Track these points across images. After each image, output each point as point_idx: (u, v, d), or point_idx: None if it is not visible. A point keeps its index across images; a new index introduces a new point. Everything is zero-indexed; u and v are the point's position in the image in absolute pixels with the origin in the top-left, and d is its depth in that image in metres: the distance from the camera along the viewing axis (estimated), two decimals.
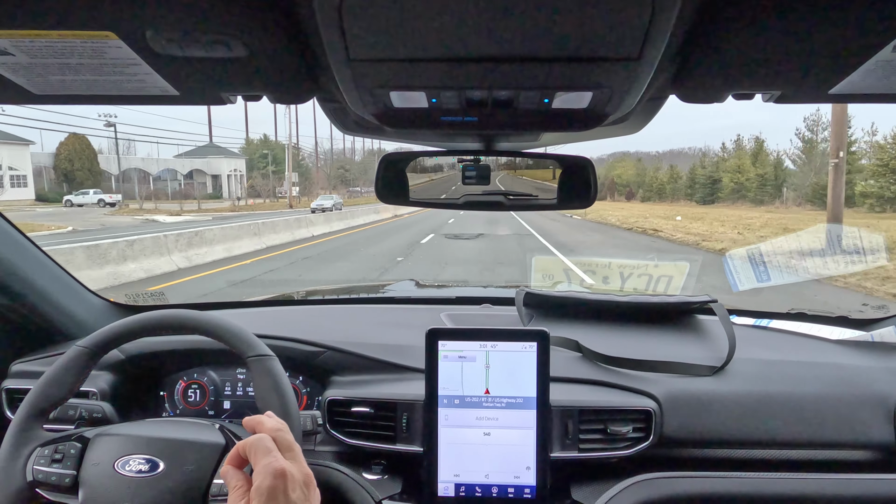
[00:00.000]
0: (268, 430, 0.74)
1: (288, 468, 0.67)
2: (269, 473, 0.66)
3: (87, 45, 0.54)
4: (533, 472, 1.11)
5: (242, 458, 0.72)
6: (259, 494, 0.65)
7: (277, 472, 0.66)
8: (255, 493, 0.65)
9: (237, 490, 0.69)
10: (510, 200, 1.06)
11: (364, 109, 0.70)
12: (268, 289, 8.40)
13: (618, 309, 1.51)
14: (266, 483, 0.65)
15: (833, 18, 0.49)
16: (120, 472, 0.85)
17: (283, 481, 0.66)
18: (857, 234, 3.29)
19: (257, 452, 0.69)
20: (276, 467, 0.66)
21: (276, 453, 0.69)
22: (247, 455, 0.71)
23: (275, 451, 0.69)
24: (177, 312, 1.00)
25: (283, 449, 0.71)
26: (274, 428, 0.74)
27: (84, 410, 1.16)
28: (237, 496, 0.68)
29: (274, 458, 0.68)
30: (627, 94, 0.63)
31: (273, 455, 0.68)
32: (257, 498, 0.65)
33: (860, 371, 1.26)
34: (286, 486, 0.66)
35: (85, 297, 1.53)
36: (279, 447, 0.71)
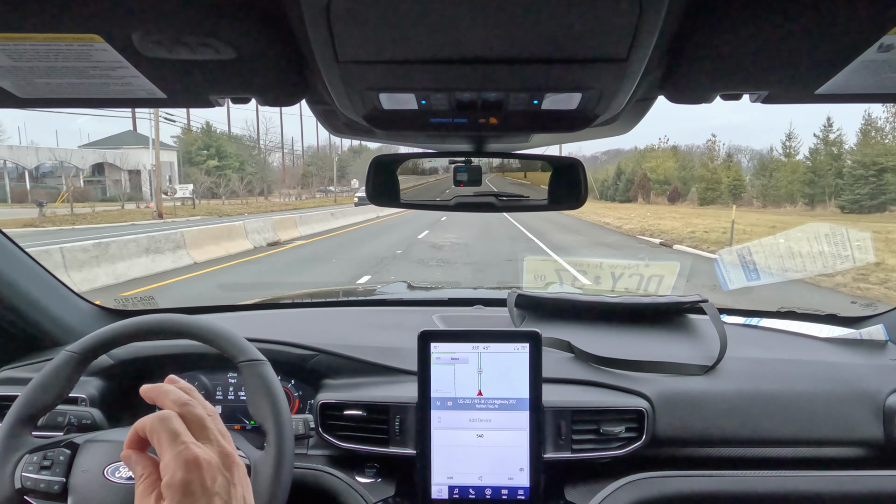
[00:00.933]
0: (171, 404, 0.61)
1: (202, 455, 0.56)
2: (180, 465, 0.55)
3: (72, 48, 0.53)
4: (526, 474, 1.11)
5: (144, 439, 0.60)
6: (172, 490, 0.54)
7: (190, 463, 0.55)
8: (168, 489, 0.54)
9: (145, 480, 0.58)
10: (501, 201, 1.06)
11: (353, 111, 0.70)
12: (258, 292, 8.36)
13: (609, 309, 1.51)
14: (178, 477, 0.54)
15: (819, 19, 0.50)
16: (109, 479, 0.84)
17: (198, 473, 0.55)
18: (844, 234, 3.33)
19: (161, 438, 0.57)
20: (186, 457, 0.55)
21: (185, 436, 0.58)
22: (148, 438, 0.59)
23: (183, 434, 0.58)
24: (167, 317, 1.00)
25: (193, 427, 0.60)
26: (179, 401, 0.62)
27: (73, 417, 1.14)
28: (146, 487, 0.57)
29: (183, 446, 0.56)
30: (616, 96, 0.63)
31: (181, 440, 0.57)
32: (170, 494, 0.54)
33: (849, 368, 1.27)
34: (202, 477, 0.55)
35: (73, 302, 1.52)
36: (189, 425, 0.60)
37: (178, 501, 0.53)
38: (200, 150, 54.46)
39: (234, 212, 29.02)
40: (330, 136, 32.17)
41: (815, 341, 1.40)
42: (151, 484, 0.57)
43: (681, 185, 57.67)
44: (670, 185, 57.70)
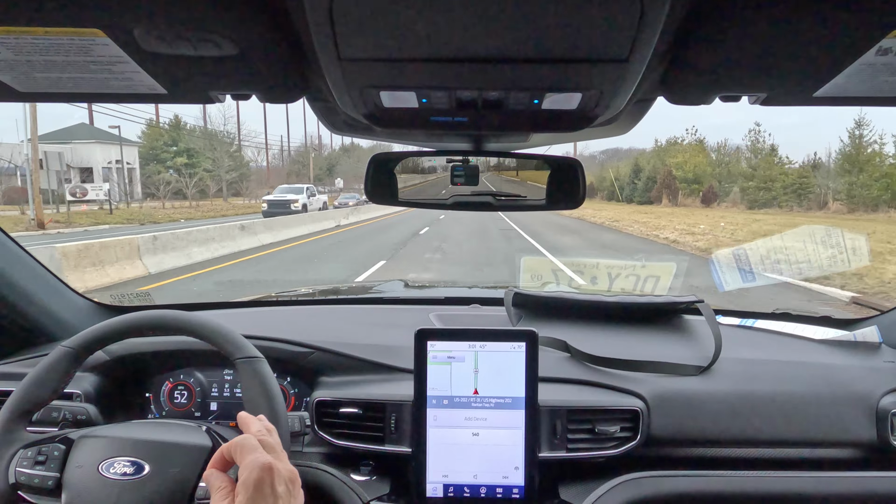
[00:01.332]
0: (254, 432, 0.75)
1: (275, 463, 0.68)
2: (256, 467, 0.67)
3: (73, 43, 0.53)
4: (521, 472, 1.11)
5: (227, 460, 0.73)
6: (246, 488, 0.65)
7: (265, 466, 0.67)
8: (242, 487, 0.66)
9: (220, 491, 0.69)
10: (499, 201, 1.06)
11: (354, 109, 0.70)
12: (255, 289, 8.32)
13: (606, 309, 1.52)
14: (253, 476, 0.66)
15: (818, 22, 0.50)
16: (104, 475, 0.84)
17: (269, 474, 0.67)
18: (840, 236, 3.34)
19: (243, 450, 0.70)
20: (262, 461, 0.68)
21: (262, 450, 0.71)
22: (231, 456, 0.72)
23: (260, 449, 0.71)
24: (163, 313, 0.99)
25: (267, 450, 0.72)
26: (259, 431, 0.76)
27: (68, 412, 1.14)
28: (221, 496, 0.69)
29: (260, 454, 0.69)
30: (616, 96, 0.63)
31: (259, 451, 0.70)
32: (244, 492, 0.65)
33: (843, 370, 1.28)
34: (273, 479, 0.67)
35: (69, 298, 1.51)
36: (264, 448, 0.72)
37: (250, 496, 0.65)
38: (168, 147, 49.59)
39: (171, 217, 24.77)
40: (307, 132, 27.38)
41: (809, 343, 1.41)
42: (225, 495, 0.68)
43: (716, 183, 46.22)
44: (702, 184, 46.44)
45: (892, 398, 1.22)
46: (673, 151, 52.79)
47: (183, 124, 52.60)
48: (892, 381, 1.25)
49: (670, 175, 47.13)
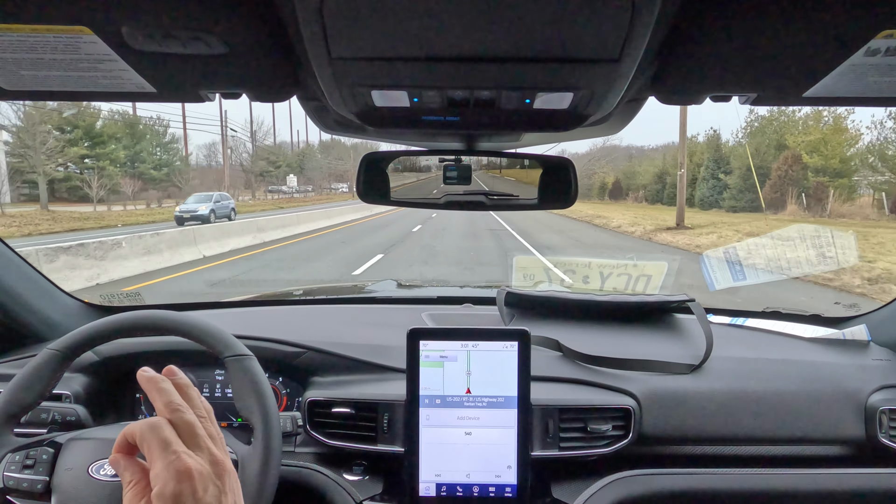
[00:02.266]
0: (163, 407, 0.60)
1: (193, 465, 0.55)
2: (171, 476, 0.54)
3: (60, 40, 0.53)
4: (514, 471, 1.11)
5: (133, 444, 0.59)
6: (163, 501, 0.53)
7: (181, 474, 0.54)
8: (158, 500, 0.53)
9: (134, 486, 0.57)
10: (491, 200, 1.06)
11: (345, 108, 0.70)
12: (246, 288, 8.25)
13: (598, 308, 1.52)
14: (169, 488, 0.53)
15: (807, 23, 0.50)
16: (94, 477, 0.84)
17: (189, 483, 0.54)
18: (830, 235, 3.37)
19: (151, 446, 0.56)
20: (178, 468, 0.54)
21: (176, 444, 0.57)
22: (137, 445, 0.58)
23: (174, 443, 0.56)
24: (152, 313, 0.99)
25: (184, 434, 0.59)
26: (171, 406, 0.60)
27: (57, 414, 1.13)
28: (135, 494, 0.56)
29: (174, 456, 0.55)
30: (607, 95, 0.63)
31: (172, 449, 0.56)
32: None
33: (832, 368, 1.29)
34: (194, 487, 0.54)
35: (58, 298, 1.50)
36: (180, 432, 0.58)
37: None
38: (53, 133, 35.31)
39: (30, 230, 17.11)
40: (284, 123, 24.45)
41: (799, 341, 1.42)
42: (140, 491, 0.56)
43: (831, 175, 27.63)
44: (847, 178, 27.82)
45: (881, 395, 1.24)
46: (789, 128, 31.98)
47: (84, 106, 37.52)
48: (881, 379, 1.26)
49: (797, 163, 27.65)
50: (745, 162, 27.95)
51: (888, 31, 0.50)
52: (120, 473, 0.59)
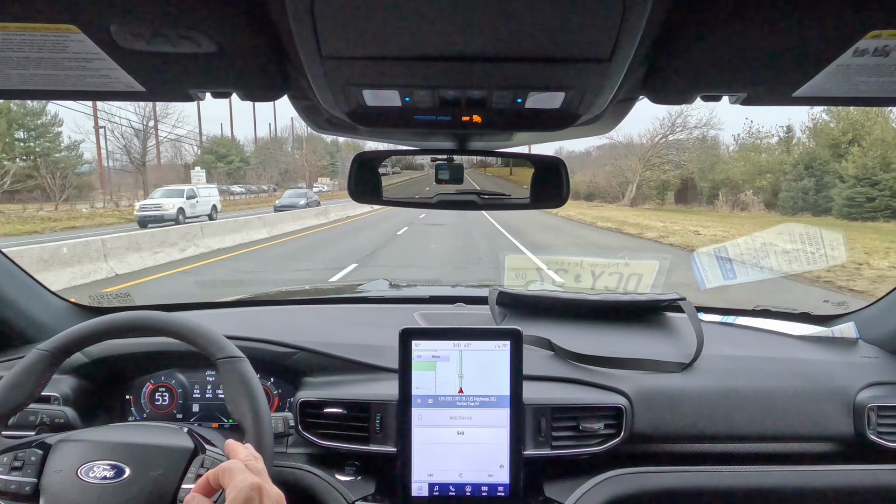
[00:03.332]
0: (241, 458, 0.76)
1: (265, 485, 0.69)
2: (244, 487, 0.67)
3: (48, 39, 0.52)
4: (506, 471, 1.11)
5: (211, 486, 0.72)
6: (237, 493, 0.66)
7: (254, 486, 0.68)
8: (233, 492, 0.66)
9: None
10: (483, 200, 1.06)
11: (336, 108, 0.69)
12: (237, 288, 8.17)
13: (589, 307, 1.53)
14: (241, 496, 0.66)
15: (796, 24, 0.51)
16: (83, 479, 0.83)
17: (258, 494, 0.67)
18: (819, 234, 3.41)
19: (231, 473, 0.70)
20: (251, 482, 0.68)
21: (250, 473, 0.71)
22: (218, 481, 0.71)
23: (248, 472, 0.71)
24: (142, 314, 0.98)
25: (255, 473, 0.73)
26: (247, 457, 0.77)
27: (45, 416, 1.12)
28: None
29: (249, 475, 0.70)
30: (599, 95, 0.63)
31: (247, 473, 0.70)
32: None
33: (821, 365, 1.30)
34: (262, 498, 0.67)
35: (46, 299, 1.48)
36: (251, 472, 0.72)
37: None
38: None
39: None
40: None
41: (788, 339, 1.43)
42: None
43: None
44: None
45: (869, 393, 1.25)
46: None
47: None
48: (869, 376, 1.28)
49: None
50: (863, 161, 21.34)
51: (875, 32, 0.50)
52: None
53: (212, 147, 58.90)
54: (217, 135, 64.15)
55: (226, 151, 58.38)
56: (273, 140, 68.93)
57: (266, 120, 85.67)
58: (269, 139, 69.16)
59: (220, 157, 56.67)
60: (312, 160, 67.48)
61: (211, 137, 62.61)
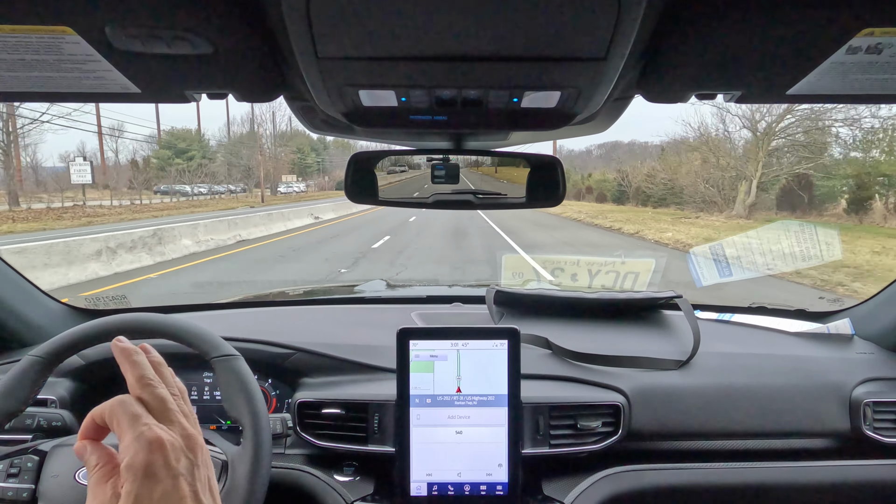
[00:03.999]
0: (134, 382, 0.58)
1: (165, 436, 0.53)
2: (142, 446, 0.51)
3: (42, 41, 0.52)
4: (505, 469, 1.11)
5: (100, 427, 0.57)
6: (132, 472, 0.50)
7: (153, 443, 0.52)
8: (128, 471, 0.50)
9: (100, 469, 0.55)
10: (479, 199, 1.07)
11: (333, 108, 0.69)
12: (233, 290, 8.13)
13: (586, 306, 1.53)
14: (140, 458, 0.50)
15: (790, 22, 0.51)
16: (81, 483, 0.83)
17: (161, 453, 0.52)
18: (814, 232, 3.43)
19: (121, 421, 0.54)
20: (149, 438, 0.52)
21: (147, 418, 0.54)
22: (106, 424, 0.56)
23: (144, 416, 0.54)
24: (136, 316, 0.97)
25: (155, 410, 0.56)
26: (143, 380, 0.58)
27: (42, 419, 1.12)
28: (101, 476, 0.54)
29: (145, 427, 0.53)
30: (594, 94, 0.64)
31: (143, 422, 0.53)
32: (131, 478, 0.50)
33: (817, 362, 1.31)
34: (166, 457, 0.52)
35: (41, 302, 1.48)
36: (149, 408, 0.56)
37: (139, 483, 0.50)
38: None
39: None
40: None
41: (784, 336, 1.44)
42: (108, 472, 0.54)
43: None
44: None
45: (865, 388, 1.26)
46: None
47: None
48: (865, 372, 1.28)
49: None
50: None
51: (868, 30, 0.51)
52: (86, 460, 0.56)
53: (170, 141, 52.88)
54: (183, 128, 57.93)
55: (186, 146, 52.79)
56: (250, 135, 61.10)
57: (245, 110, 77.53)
58: (244, 133, 61.87)
59: (179, 153, 51.28)
60: (283, 155, 58.95)
61: (169, 130, 55.97)
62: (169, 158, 50.04)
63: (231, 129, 65.13)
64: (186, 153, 52.76)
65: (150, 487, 0.50)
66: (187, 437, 0.55)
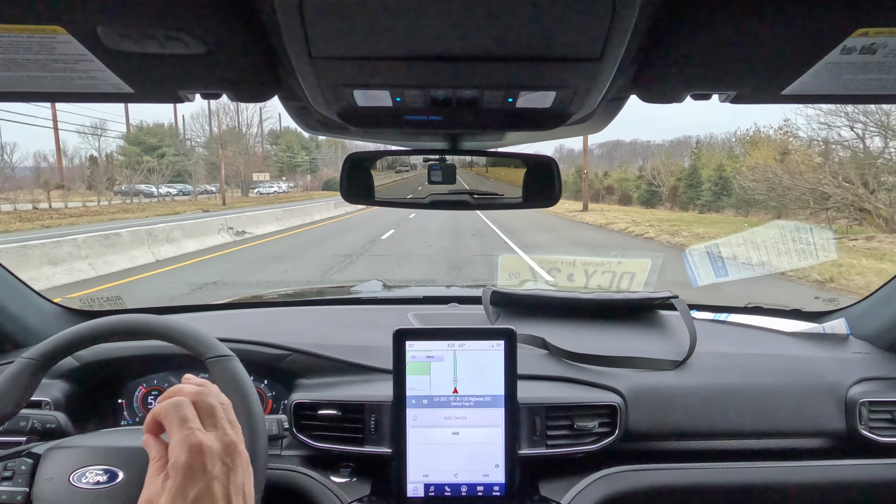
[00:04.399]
0: (187, 393, 0.67)
1: (205, 441, 0.61)
2: (184, 449, 0.60)
3: (33, 40, 0.51)
4: (502, 470, 1.11)
5: (159, 422, 0.66)
6: (176, 471, 0.59)
7: (193, 447, 0.60)
8: (172, 470, 0.60)
9: (156, 462, 0.63)
10: (476, 199, 1.06)
11: (327, 108, 0.69)
12: (230, 290, 8.12)
13: (583, 306, 1.53)
14: (182, 459, 0.59)
15: (785, 22, 0.51)
16: (76, 486, 0.82)
17: (199, 457, 0.60)
18: (809, 231, 3.45)
19: (171, 422, 0.63)
20: (191, 442, 0.61)
21: (193, 422, 0.63)
22: (161, 422, 0.65)
23: (191, 421, 0.63)
24: (130, 317, 0.97)
25: (203, 415, 0.65)
26: (193, 391, 0.68)
27: (36, 421, 1.11)
28: (156, 469, 0.63)
29: (189, 431, 0.62)
30: (589, 94, 0.64)
31: (188, 426, 0.62)
32: (174, 475, 0.59)
33: (813, 362, 1.31)
34: (204, 461, 0.60)
35: (35, 303, 1.47)
36: (199, 413, 0.65)
37: (179, 482, 0.58)
38: None
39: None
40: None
41: (780, 336, 1.44)
42: (161, 466, 0.62)
43: None
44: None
45: (860, 388, 1.26)
46: None
47: None
48: (860, 372, 1.29)
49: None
50: None
51: (863, 30, 0.51)
52: (148, 451, 0.65)
53: (137, 136, 49.35)
54: (155, 122, 54.18)
55: (157, 142, 49.44)
56: (233, 131, 57.75)
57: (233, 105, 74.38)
58: (228, 129, 58.06)
59: (149, 149, 48.01)
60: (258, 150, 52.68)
61: (137, 125, 52.39)
62: (138, 155, 47.17)
63: (213, 123, 58.90)
64: (158, 149, 49.82)
65: (187, 486, 0.58)
66: (228, 443, 0.64)
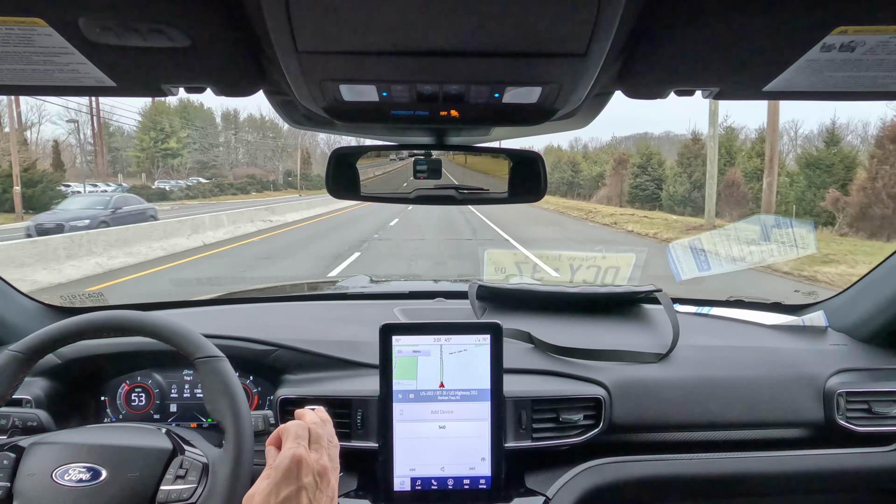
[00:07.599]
0: (307, 421, 0.81)
1: (305, 456, 0.73)
2: (287, 456, 0.72)
3: (12, 33, 0.51)
4: (488, 463, 1.12)
5: (280, 438, 0.78)
6: (276, 472, 0.71)
7: (295, 457, 0.72)
8: (274, 470, 0.71)
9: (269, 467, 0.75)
10: (462, 194, 1.07)
11: (313, 103, 0.69)
12: (214, 286, 8.05)
13: (568, 300, 1.54)
14: (283, 464, 0.71)
15: (767, 20, 0.52)
16: (58, 482, 0.81)
17: (297, 466, 0.71)
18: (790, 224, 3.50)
19: (288, 436, 0.76)
20: (295, 452, 0.72)
21: (303, 440, 0.76)
22: (281, 436, 0.78)
23: (302, 439, 0.76)
24: (117, 313, 0.96)
25: (312, 439, 0.78)
26: (312, 419, 0.82)
27: (17, 419, 1.09)
28: (267, 473, 0.74)
29: (297, 445, 0.74)
30: (575, 90, 0.64)
31: (298, 441, 0.75)
32: (273, 475, 0.70)
33: (792, 354, 1.34)
34: (300, 470, 0.71)
35: (15, 300, 1.45)
36: (311, 438, 0.78)
37: (277, 480, 0.69)
38: None
39: None
40: None
41: (761, 328, 1.47)
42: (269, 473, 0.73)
43: None
44: None
45: (838, 379, 1.29)
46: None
47: None
48: (838, 363, 1.32)
49: None
50: None
51: (842, 28, 0.52)
52: (266, 459, 0.76)
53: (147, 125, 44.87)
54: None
55: (171, 130, 47.21)
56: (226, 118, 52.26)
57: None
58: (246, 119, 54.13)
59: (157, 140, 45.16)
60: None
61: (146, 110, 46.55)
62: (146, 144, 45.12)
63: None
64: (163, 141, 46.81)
65: (281, 485, 0.69)
66: (323, 467, 0.75)
